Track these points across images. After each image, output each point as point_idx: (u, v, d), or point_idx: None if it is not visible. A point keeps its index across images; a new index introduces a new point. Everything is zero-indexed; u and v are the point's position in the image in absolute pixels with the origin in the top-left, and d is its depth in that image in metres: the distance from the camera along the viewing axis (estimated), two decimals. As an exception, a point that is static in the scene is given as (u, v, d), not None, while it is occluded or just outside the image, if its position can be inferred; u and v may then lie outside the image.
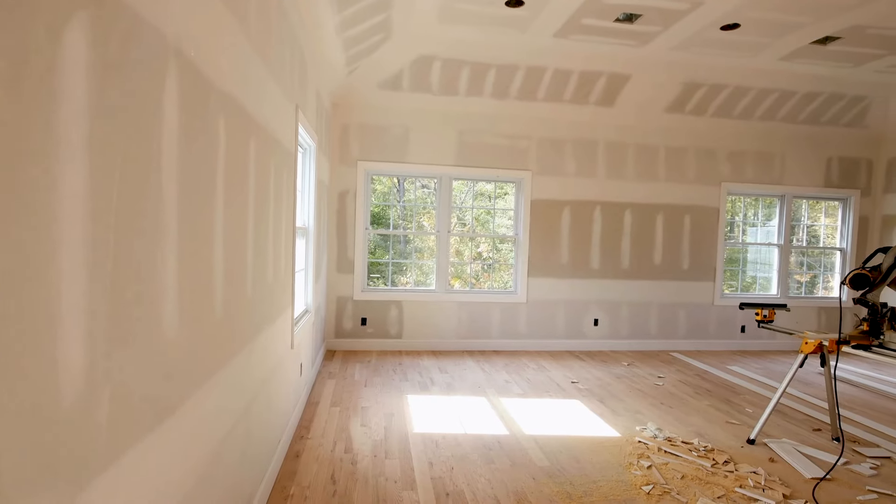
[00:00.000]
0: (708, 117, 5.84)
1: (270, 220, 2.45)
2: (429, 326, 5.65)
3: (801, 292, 6.65)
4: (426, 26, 4.41)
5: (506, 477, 2.77)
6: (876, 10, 3.87)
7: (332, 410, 3.69)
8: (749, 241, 6.55)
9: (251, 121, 2.02)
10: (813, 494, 2.67)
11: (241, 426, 1.99)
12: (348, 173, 5.44)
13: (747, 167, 6.14)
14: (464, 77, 5.13)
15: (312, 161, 3.98)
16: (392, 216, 9.01)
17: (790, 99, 5.62)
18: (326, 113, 4.83)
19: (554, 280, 5.83)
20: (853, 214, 6.37)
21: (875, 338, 2.77)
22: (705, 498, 2.59)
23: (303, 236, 3.94)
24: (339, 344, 5.51)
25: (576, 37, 4.56)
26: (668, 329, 6.10)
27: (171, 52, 1.26)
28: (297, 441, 3.14)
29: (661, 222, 6.01)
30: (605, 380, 4.74)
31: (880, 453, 3.24)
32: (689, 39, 4.54)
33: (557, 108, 5.58)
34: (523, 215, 5.75)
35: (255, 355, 2.20)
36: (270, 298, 2.50)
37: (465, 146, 5.60)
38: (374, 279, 7.58)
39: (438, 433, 3.34)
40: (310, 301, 4.10)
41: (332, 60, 4.18)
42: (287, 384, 3.06)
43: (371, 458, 2.93)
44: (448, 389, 4.28)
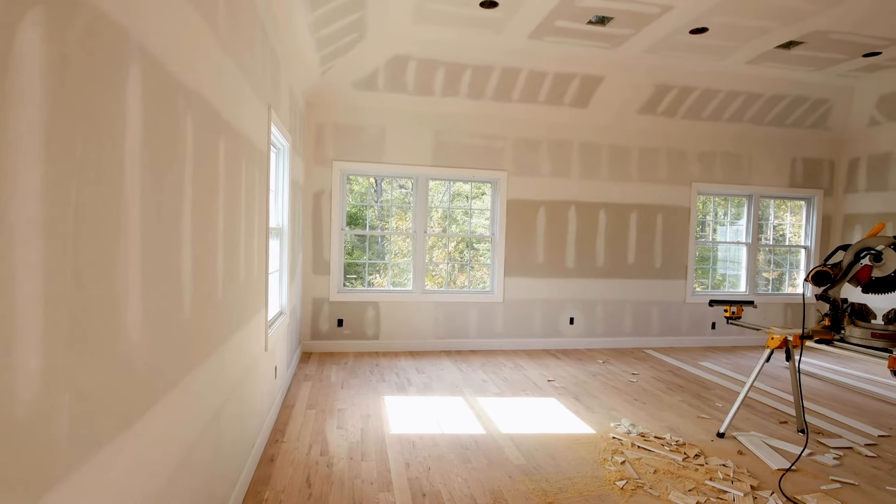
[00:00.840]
0: (679, 119, 5.97)
1: (242, 221, 2.41)
2: (406, 327, 5.63)
3: (769, 289, 6.84)
4: (401, 26, 4.40)
5: (482, 476, 2.78)
6: (837, 15, 4.01)
7: (308, 413, 3.65)
8: (719, 240, 6.71)
9: (221, 119, 1.99)
10: (779, 485, 2.75)
11: (211, 431, 1.96)
12: (323, 173, 5.38)
13: (717, 168, 6.29)
14: (439, 77, 5.14)
15: (286, 161, 3.93)
16: (370, 216, 8.96)
17: (757, 101, 5.79)
18: (300, 112, 4.78)
19: (530, 279, 5.88)
20: (817, 213, 6.59)
21: (836, 333, 2.87)
22: (677, 491, 2.65)
23: (277, 237, 3.89)
24: (315, 346, 5.45)
25: (550, 38, 4.61)
26: (641, 327, 6.21)
27: (135, 48, 1.23)
28: (271, 445, 3.10)
29: (635, 222, 6.12)
30: (580, 378, 4.80)
31: (843, 444, 3.36)
32: (659, 42, 4.64)
33: (532, 109, 5.63)
34: (499, 215, 5.79)
35: (226, 358, 2.16)
36: (243, 300, 2.46)
37: (442, 146, 5.60)
38: (351, 280, 7.53)
39: (415, 434, 3.33)
40: (284, 303, 4.05)
41: (305, 59, 4.13)
42: (261, 387, 3.01)
43: (347, 461, 2.91)
44: (425, 390, 4.28)
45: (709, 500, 2.57)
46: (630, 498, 2.58)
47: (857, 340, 2.72)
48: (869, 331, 2.66)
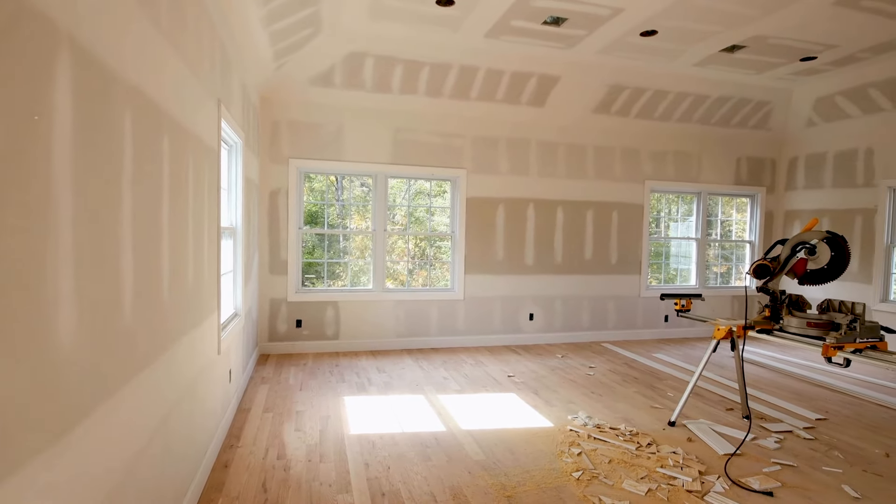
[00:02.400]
0: (632, 118, 6.14)
1: (190, 221, 2.33)
2: (367, 326, 5.59)
3: (717, 282, 7.14)
4: (357, 22, 4.35)
5: (442, 473, 2.79)
6: (775, 21, 4.22)
7: (265, 416, 3.57)
8: (671, 236, 6.95)
9: (164, 115, 1.91)
10: (725, 469, 2.88)
11: (158, 439, 1.89)
12: (279, 171, 5.27)
13: (668, 166, 6.52)
14: (397, 75, 5.11)
15: (239, 158, 3.83)
16: (331, 215, 8.82)
17: (704, 102, 6.02)
18: (254, 108, 4.65)
19: (490, 276, 5.93)
20: (760, 210, 6.92)
21: (776, 323, 3.03)
22: (630, 479, 2.73)
23: (230, 237, 3.78)
24: (272, 348, 5.33)
25: (506, 38, 4.65)
26: (598, 321, 6.37)
27: (64, 39, 1.16)
28: (226, 450, 3.02)
29: (591, 219, 6.27)
30: (540, 372, 4.88)
31: (783, 428, 3.54)
32: (612, 44, 4.76)
33: (491, 108, 5.68)
34: (459, 213, 5.81)
35: (174, 363, 2.09)
36: (192, 303, 2.38)
37: (401, 144, 5.58)
38: (311, 280, 7.39)
39: (375, 433, 3.31)
40: (239, 304, 3.95)
41: (258, 54, 4.03)
42: (214, 391, 2.92)
43: (305, 463, 2.86)
44: (386, 389, 4.26)
45: (659, 486, 2.67)
46: (585, 488, 2.65)
47: (794, 329, 2.88)
48: (804, 320, 2.82)
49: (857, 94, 5.55)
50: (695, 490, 2.63)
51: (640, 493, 2.60)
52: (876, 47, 4.68)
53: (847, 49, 4.75)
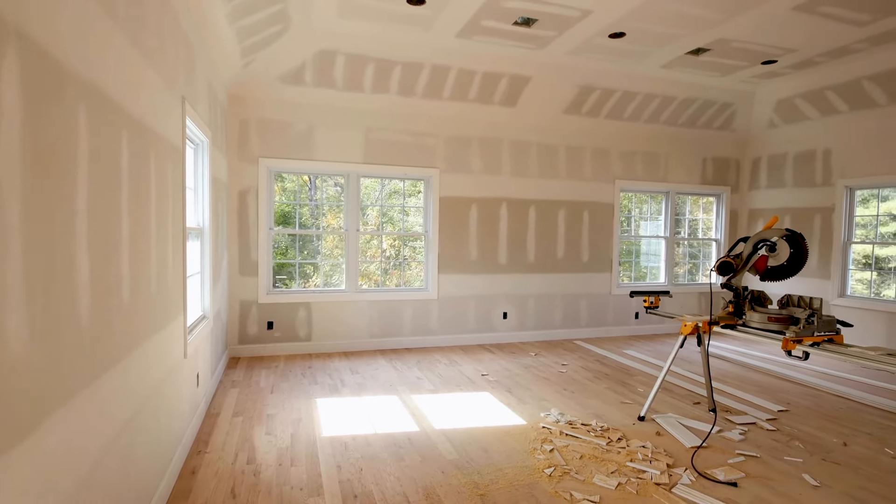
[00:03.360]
0: (602, 119, 6.24)
1: (153, 221, 2.26)
2: (340, 327, 5.53)
3: (685, 280, 7.31)
4: (327, 20, 4.30)
5: (415, 473, 2.78)
6: (737, 25, 4.34)
7: (235, 421, 3.50)
8: (641, 235, 7.09)
9: (123, 112, 1.85)
10: (692, 462, 2.95)
11: (119, 447, 1.83)
12: (249, 171, 5.17)
13: (637, 166, 6.64)
14: (369, 73, 5.07)
15: (206, 157, 3.74)
16: (303, 215, 8.69)
17: (671, 104, 6.16)
18: (222, 106, 4.55)
19: (464, 276, 5.95)
20: (725, 208, 7.12)
21: (739, 318, 3.12)
22: (600, 474, 2.78)
23: (197, 238, 3.69)
24: (243, 350, 5.23)
25: (478, 38, 4.67)
26: (571, 319, 6.45)
27: (12, 32, 1.11)
28: (193, 456, 2.94)
29: (563, 218, 6.34)
30: (513, 370, 4.91)
31: (748, 420, 3.65)
32: (582, 45, 4.82)
33: (463, 107, 5.69)
34: (432, 212, 5.81)
35: (136, 368, 2.03)
36: (156, 305, 2.31)
37: (373, 143, 5.54)
38: (283, 281, 7.28)
39: (348, 435, 3.28)
40: (207, 306, 3.86)
41: (225, 51, 3.94)
42: (180, 397, 2.85)
43: (276, 468, 2.82)
44: (359, 390, 4.22)
45: (629, 480, 2.72)
46: (557, 484, 2.67)
47: (756, 324, 2.97)
48: (766, 315, 2.91)
49: (815, 96, 5.76)
50: (663, 483, 2.69)
51: (610, 487, 2.64)
52: (832, 52, 4.86)
53: (805, 53, 4.93)
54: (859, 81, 5.27)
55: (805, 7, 3.97)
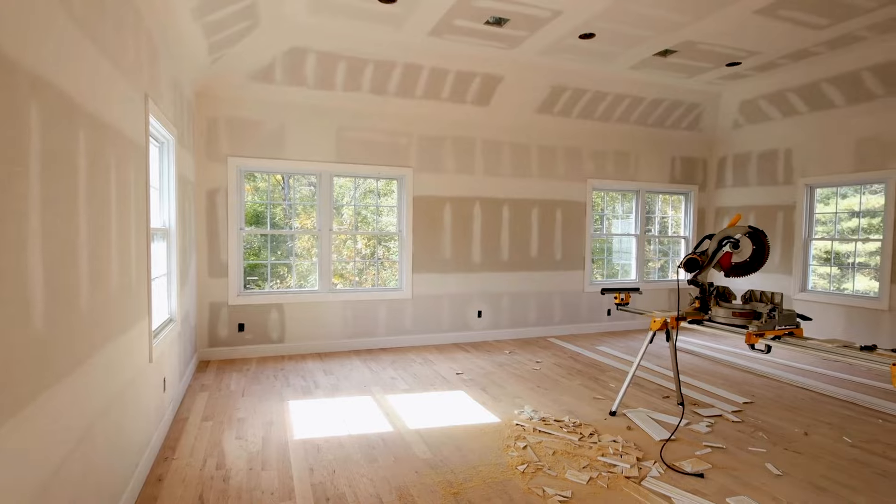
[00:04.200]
0: (573, 118, 6.32)
1: (113, 222, 2.19)
2: (313, 328, 5.47)
3: (656, 276, 7.47)
4: (297, 17, 4.24)
5: (389, 474, 2.77)
6: (702, 28, 4.45)
7: (204, 425, 3.42)
8: (613, 233, 7.21)
9: (79, 110, 1.79)
10: (661, 455, 3.01)
11: (77, 457, 1.77)
12: (218, 170, 5.06)
13: (608, 165, 6.75)
14: (341, 71, 5.02)
15: (172, 156, 3.64)
16: (277, 215, 8.54)
17: (640, 104, 6.28)
18: (188, 104, 4.45)
19: (438, 275, 5.95)
20: (693, 206, 7.29)
21: (705, 313, 3.20)
22: (573, 469, 2.81)
23: (163, 239, 3.60)
24: (213, 353, 5.12)
25: (450, 37, 4.67)
26: (545, 316, 6.52)
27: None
28: (160, 463, 2.87)
29: (536, 217, 6.40)
30: (488, 368, 4.94)
31: (714, 412, 3.75)
32: (553, 45, 4.87)
33: (436, 106, 5.69)
34: (406, 212, 5.79)
35: (97, 374, 1.96)
36: (118, 308, 2.24)
37: (345, 142, 5.49)
38: (256, 282, 7.15)
39: (321, 437, 3.25)
40: (174, 309, 3.76)
41: (191, 47, 3.85)
42: (145, 402, 2.77)
43: (246, 472, 2.77)
44: (333, 391, 4.18)
45: (600, 474, 2.76)
46: (530, 480, 2.70)
47: (722, 319, 3.05)
48: (730, 310, 2.99)
49: (777, 97, 5.95)
50: (633, 476, 2.74)
51: (581, 482, 2.68)
52: (793, 54, 5.03)
53: (768, 56, 5.08)
54: (818, 84, 5.47)
55: (766, 11, 4.10)
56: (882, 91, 5.15)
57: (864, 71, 5.04)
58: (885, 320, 5.34)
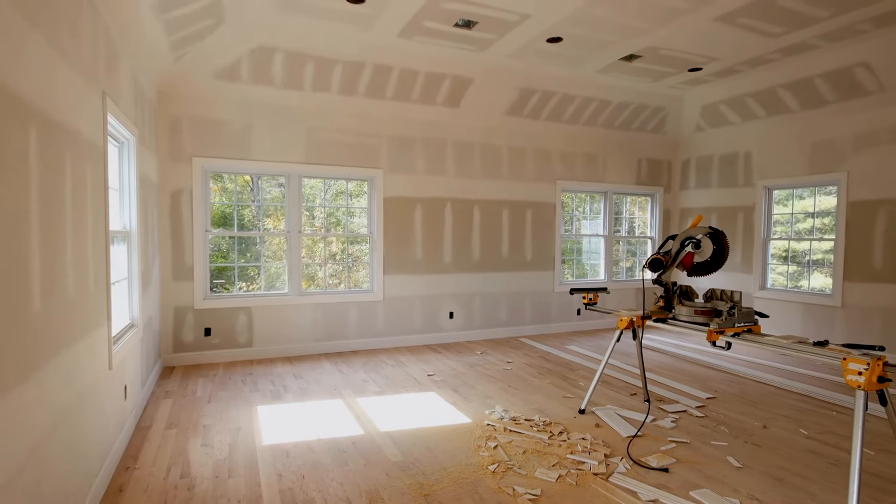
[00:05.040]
0: (542, 121, 6.40)
1: (69, 224, 2.11)
2: (282, 331, 5.38)
3: (624, 276, 7.62)
4: (264, 15, 4.17)
5: (359, 477, 2.75)
6: (664, 34, 4.57)
7: (168, 433, 3.33)
8: (582, 233, 7.33)
9: (30, 108, 1.72)
10: (627, 451, 3.08)
11: (27, 474, 1.69)
12: (182, 170, 4.93)
13: (577, 167, 6.86)
14: (309, 71, 4.96)
15: (133, 156, 3.53)
16: (246, 216, 8.37)
17: (607, 107, 6.41)
18: (150, 103, 4.32)
19: (410, 276, 5.93)
20: (659, 207, 7.48)
21: (669, 312, 3.29)
22: (542, 468, 2.84)
23: (123, 241, 3.49)
24: (178, 359, 4.98)
25: (419, 38, 4.67)
26: (516, 316, 6.58)
27: None
28: (121, 473, 2.77)
29: (507, 218, 6.46)
30: (459, 369, 4.95)
31: (679, 408, 3.85)
32: (522, 49, 4.92)
33: (406, 107, 5.68)
34: (377, 213, 5.76)
35: (50, 383, 1.89)
36: (74, 314, 2.16)
37: (315, 143, 5.42)
38: (223, 286, 6.99)
39: (290, 442, 3.20)
40: (136, 314, 3.65)
41: (152, 45, 3.74)
42: (105, 411, 2.68)
43: (212, 480, 2.70)
44: (303, 395, 4.12)
45: (569, 472, 2.80)
46: (501, 480, 2.72)
47: (685, 317, 3.14)
48: (693, 309, 3.08)
49: (736, 102, 6.16)
50: (600, 473, 2.79)
51: (551, 479, 2.71)
52: (750, 61, 5.21)
53: (727, 62, 5.26)
54: (774, 89, 5.68)
55: (724, 18, 4.24)
56: (833, 97, 5.39)
57: (816, 77, 5.26)
58: (839, 316, 5.59)
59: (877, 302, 5.27)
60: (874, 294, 5.29)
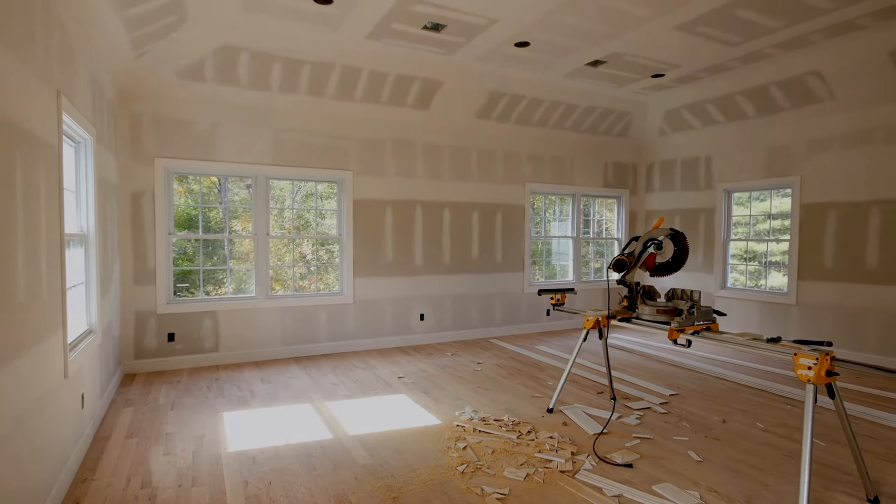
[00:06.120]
0: (511, 124, 6.48)
1: (20, 227, 2.04)
2: (250, 336, 5.28)
3: (592, 277, 7.77)
4: (228, 14, 4.10)
5: (327, 482, 2.73)
6: (628, 41, 4.69)
7: (128, 443, 3.23)
8: (552, 235, 7.44)
9: (-22, 106, 1.65)
10: (593, 448, 3.14)
11: (-21, 481, 1.62)
12: (144, 171, 4.79)
13: (546, 169, 6.97)
14: (276, 72, 4.89)
15: (90, 157, 3.42)
16: (213, 218, 8.18)
17: (574, 111, 6.53)
18: (110, 102, 4.19)
19: (380, 279, 5.91)
20: (625, 209, 7.66)
21: (633, 311, 3.38)
22: (511, 467, 2.88)
23: (80, 245, 3.37)
24: (140, 366, 4.84)
25: (388, 40, 4.67)
26: (486, 318, 6.63)
27: None
28: (78, 485, 2.68)
29: (477, 220, 6.50)
30: (430, 371, 4.96)
31: (643, 405, 3.95)
32: (490, 52, 4.98)
33: (376, 109, 5.66)
34: (346, 215, 5.72)
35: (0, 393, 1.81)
36: (26, 320, 2.08)
37: (283, 144, 5.35)
38: (188, 290, 6.82)
39: (257, 448, 3.15)
40: (94, 320, 3.53)
41: (112, 42, 3.63)
42: (60, 421, 2.58)
43: (175, 489, 2.64)
44: (270, 400, 4.06)
45: (537, 470, 2.84)
46: (469, 480, 2.74)
47: (647, 317, 3.22)
48: (655, 308, 3.17)
49: (697, 108, 6.36)
50: (567, 470, 2.84)
51: (519, 478, 2.74)
52: (710, 68, 5.40)
53: (688, 69, 5.43)
54: (733, 96, 5.90)
55: (684, 27, 4.38)
56: (787, 104, 5.62)
57: (771, 85, 5.48)
58: (794, 313, 5.83)
59: (828, 300, 5.51)
60: (825, 292, 5.54)
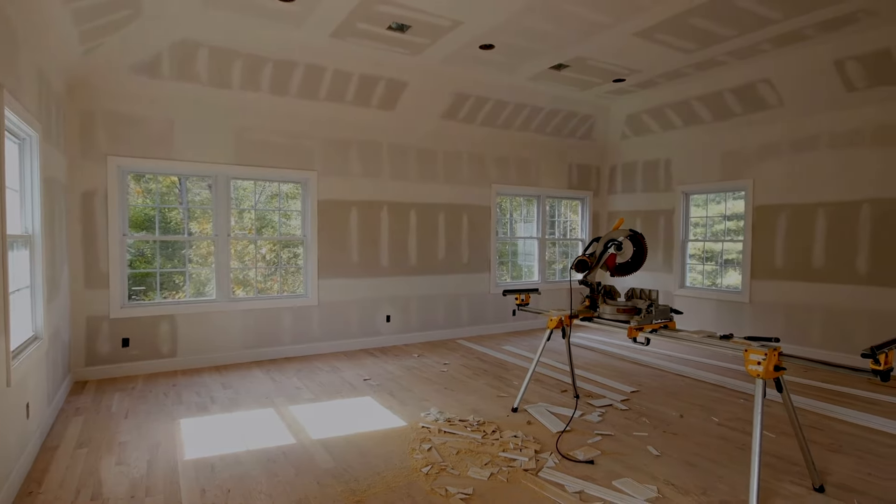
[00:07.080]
0: (477, 125, 6.52)
1: (-45, 228, 1.92)
2: (210, 340, 5.14)
3: (557, 277, 7.89)
4: (186, 8, 3.98)
5: (289, 487, 2.68)
6: (590, 46, 4.79)
7: (78, 453, 3.09)
8: (517, 236, 7.52)
9: None
10: (556, 446, 3.19)
11: None
12: (95, 170, 4.60)
13: (511, 171, 7.04)
14: (237, 69, 4.78)
15: (36, 154, 3.26)
16: (173, 219, 7.91)
17: (539, 114, 6.62)
18: (58, 97, 4.00)
19: (346, 280, 5.85)
20: (589, 211, 7.81)
21: (594, 311, 3.45)
22: (475, 467, 2.89)
23: (25, 247, 3.21)
24: (92, 372, 4.64)
25: (353, 39, 4.63)
26: (453, 318, 6.64)
27: None
28: (22, 498, 2.55)
29: (443, 221, 6.51)
30: (396, 373, 4.93)
31: (605, 403, 4.04)
32: (455, 54, 4.99)
33: (340, 109, 5.60)
34: (311, 216, 5.63)
35: (-68, 403, 1.70)
36: (-39, 328, 1.96)
37: (245, 144, 5.23)
38: (145, 293, 6.57)
39: (216, 455, 3.06)
40: (40, 325, 3.36)
41: (60, 35, 3.47)
42: (2, 432, 2.45)
43: (127, 501, 2.54)
44: (231, 405, 3.96)
45: (501, 469, 2.86)
46: (434, 481, 2.73)
47: (608, 316, 3.30)
48: (615, 307, 3.25)
49: (656, 112, 6.55)
50: (531, 468, 2.87)
51: (483, 478, 2.76)
52: (668, 74, 5.57)
53: (647, 74, 5.59)
54: (689, 101, 6.10)
55: (643, 34, 4.50)
56: (740, 110, 5.86)
57: (725, 91, 5.70)
58: (747, 311, 6.07)
59: (779, 298, 5.76)
60: (777, 290, 5.79)
